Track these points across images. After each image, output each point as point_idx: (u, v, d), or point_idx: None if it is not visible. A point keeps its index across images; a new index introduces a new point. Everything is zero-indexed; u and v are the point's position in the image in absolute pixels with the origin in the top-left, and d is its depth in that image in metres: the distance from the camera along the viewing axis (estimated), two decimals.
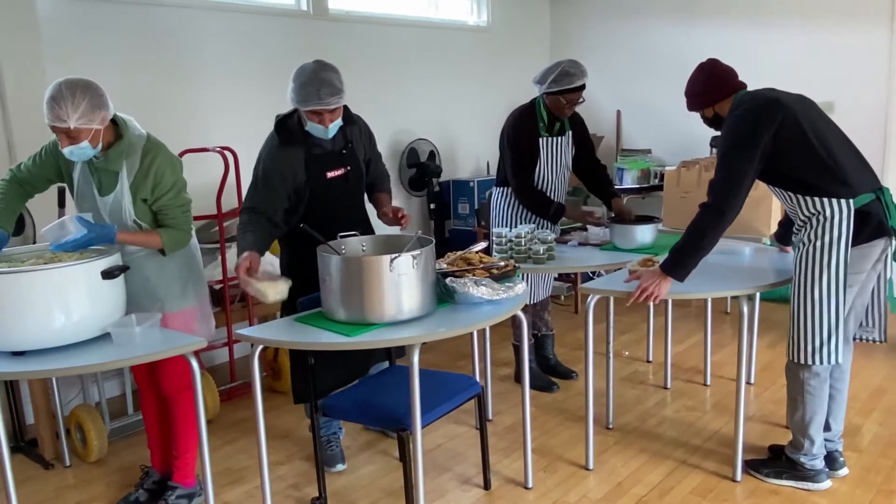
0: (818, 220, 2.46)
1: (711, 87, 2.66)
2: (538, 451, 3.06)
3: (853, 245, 2.45)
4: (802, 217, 2.52)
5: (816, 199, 2.46)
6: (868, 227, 2.47)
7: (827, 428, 2.70)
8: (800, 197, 2.50)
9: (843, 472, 2.76)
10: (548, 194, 3.49)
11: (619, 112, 6.04)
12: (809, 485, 2.66)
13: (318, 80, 2.51)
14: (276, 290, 2.49)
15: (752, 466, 2.80)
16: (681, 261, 2.53)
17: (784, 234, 2.96)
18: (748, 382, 3.71)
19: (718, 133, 2.66)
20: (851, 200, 2.44)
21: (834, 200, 2.44)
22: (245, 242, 2.59)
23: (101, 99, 2.28)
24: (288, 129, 2.67)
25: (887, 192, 2.54)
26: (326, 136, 2.65)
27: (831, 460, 2.74)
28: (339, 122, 2.64)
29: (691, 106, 2.75)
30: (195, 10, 4.06)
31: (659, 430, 3.26)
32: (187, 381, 2.33)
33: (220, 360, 4.23)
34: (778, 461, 2.76)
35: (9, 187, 2.49)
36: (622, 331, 4.63)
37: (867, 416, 3.29)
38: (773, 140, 2.44)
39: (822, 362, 2.51)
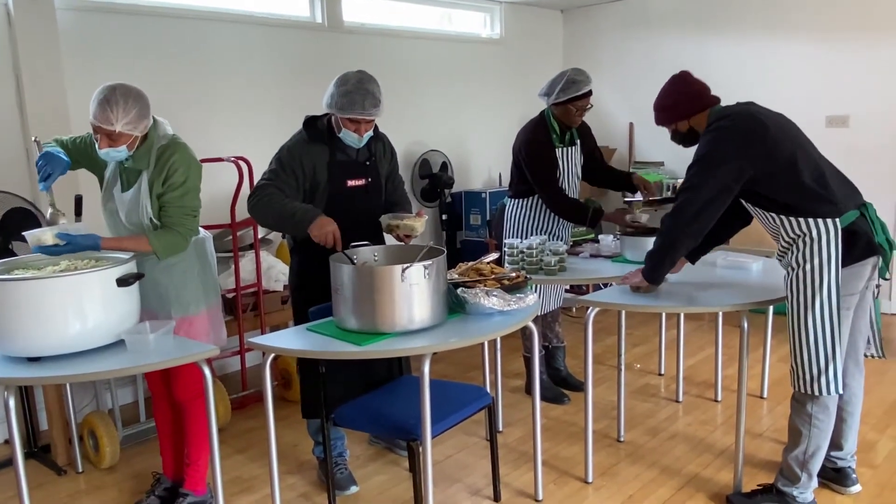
0: (804, 242, 2.37)
1: (687, 99, 2.58)
2: (548, 464, 3.05)
3: (844, 265, 2.36)
4: (787, 239, 2.43)
5: (801, 219, 2.36)
6: (857, 247, 2.38)
7: (838, 448, 2.66)
8: (783, 218, 2.40)
9: (857, 488, 2.72)
10: None
11: (631, 125, 6.04)
12: None
13: (363, 89, 2.60)
14: (422, 223, 2.67)
15: (735, 502, 2.67)
16: (654, 271, 2.62)
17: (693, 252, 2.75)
18: (761, 396, 3.70)
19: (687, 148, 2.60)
20: (838, 219, 2.34)
21: (820, 220, 2.34)
22: (299, 205, 2.60)
23: (148, 110, 2.38)
24: (317, 128, 2.74)
25: (871, 207, 2.46)
26: (359, 145, 2.72)
27: (844, 477, 2.71)
28: (371, 133, 2.72)
29: (665, 119, 2.65)
30: (210, 22, 4.11)
31: (670, 443, 3.24)
32: (200, 388, 2.35)
33: (231, 368, 4.25)
34: (767, 494, 2.62)
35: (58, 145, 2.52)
36: (634, 343, 4.62)
37: (882, 432, 3.26)
38: (759, 159, 2.36)
39: (820, 392, 2.39)
